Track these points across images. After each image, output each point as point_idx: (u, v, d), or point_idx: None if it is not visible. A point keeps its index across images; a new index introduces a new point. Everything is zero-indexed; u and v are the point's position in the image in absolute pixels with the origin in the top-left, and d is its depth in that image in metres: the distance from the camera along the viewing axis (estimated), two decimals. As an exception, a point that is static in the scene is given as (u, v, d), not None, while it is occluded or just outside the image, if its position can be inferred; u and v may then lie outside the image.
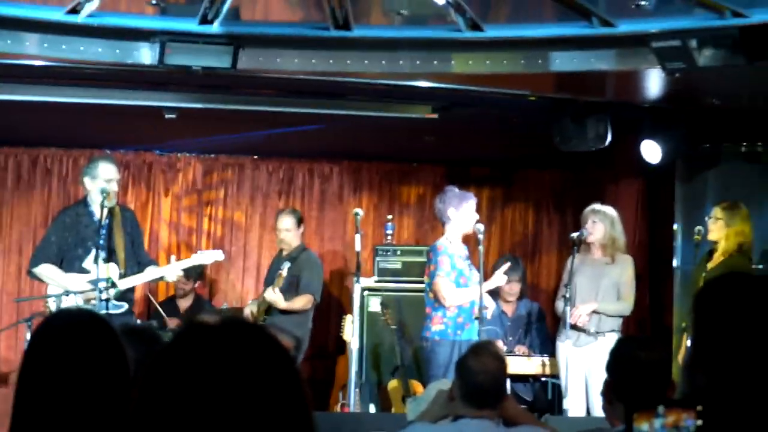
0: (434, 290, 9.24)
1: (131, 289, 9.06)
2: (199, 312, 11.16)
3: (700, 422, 2.61)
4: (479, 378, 5.04)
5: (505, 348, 10.33)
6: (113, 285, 8.69)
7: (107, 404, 2.88)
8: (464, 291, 9.22)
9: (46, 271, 8.89)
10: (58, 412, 2.87)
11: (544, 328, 10.72)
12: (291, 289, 10.20)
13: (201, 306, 11.36)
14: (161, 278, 9.26)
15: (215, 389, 1.76)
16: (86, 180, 9.01)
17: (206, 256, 9.42)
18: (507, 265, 9.59)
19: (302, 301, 10.24)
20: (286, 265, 10.01)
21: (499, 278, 9.44)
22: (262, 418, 1.77)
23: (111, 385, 2.91)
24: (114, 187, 8.90)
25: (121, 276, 8.82)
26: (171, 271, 9.13)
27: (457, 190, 9.48)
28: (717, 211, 9.05)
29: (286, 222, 10.58)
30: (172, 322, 10.55)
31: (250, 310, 10.38)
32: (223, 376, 1.77)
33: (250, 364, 1.80)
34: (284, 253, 10.57)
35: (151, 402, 1.80)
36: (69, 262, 8.87)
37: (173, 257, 9.64)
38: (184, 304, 11.31)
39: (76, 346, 2.96)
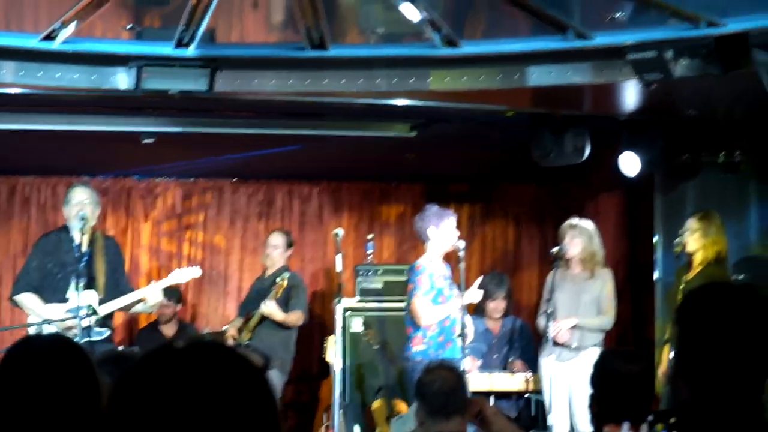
0: (411, 311, 9.20)
1: (111, 316, 8.97)
2: (184, 338, 11.05)
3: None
4: (435, 387, 5.16)
5: (487, 365, 10.32)
6: (94, 312, 8.63)
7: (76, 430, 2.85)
8: (441, 308, 9.15)
9: (27, 300, 8.82)
10: None
11: (531, 346, 10.56)
12: (280, 307, 10.17)
13: (186, 332, 11.27)
14: (140, 301, 9.12)
15: (182, 409, 1.76)
16: (64, 209, 9.00)
17: (183, 274, 9.37)
18: (479, 280, 9.46)
19: (295, 316, 10.23)
20: (286, 275, 10.04)
21: (473, 294, 9.34)
22: None
23: (81, 412, 2.89)
24: (88, 210, 8.84)
25: (101, 302, 8.76)
26: (150, 291, 9.06)
27: (436, 208, 9.44)
28: (693, 223, 9.04)
29: (277, 239, 10.64)
30: None
31: (230, 333, 10.34)
32: (190, 396, 1.77)
33: (218, 383, 1.80)
34: (268, 272, 10.54)
35: (118, 423, 1.79)
36: (49, 289, 8.80)
37: (153, 281, 9.55)
38: (168, 330, 11.22)
39: (47, 370, 2.95)
